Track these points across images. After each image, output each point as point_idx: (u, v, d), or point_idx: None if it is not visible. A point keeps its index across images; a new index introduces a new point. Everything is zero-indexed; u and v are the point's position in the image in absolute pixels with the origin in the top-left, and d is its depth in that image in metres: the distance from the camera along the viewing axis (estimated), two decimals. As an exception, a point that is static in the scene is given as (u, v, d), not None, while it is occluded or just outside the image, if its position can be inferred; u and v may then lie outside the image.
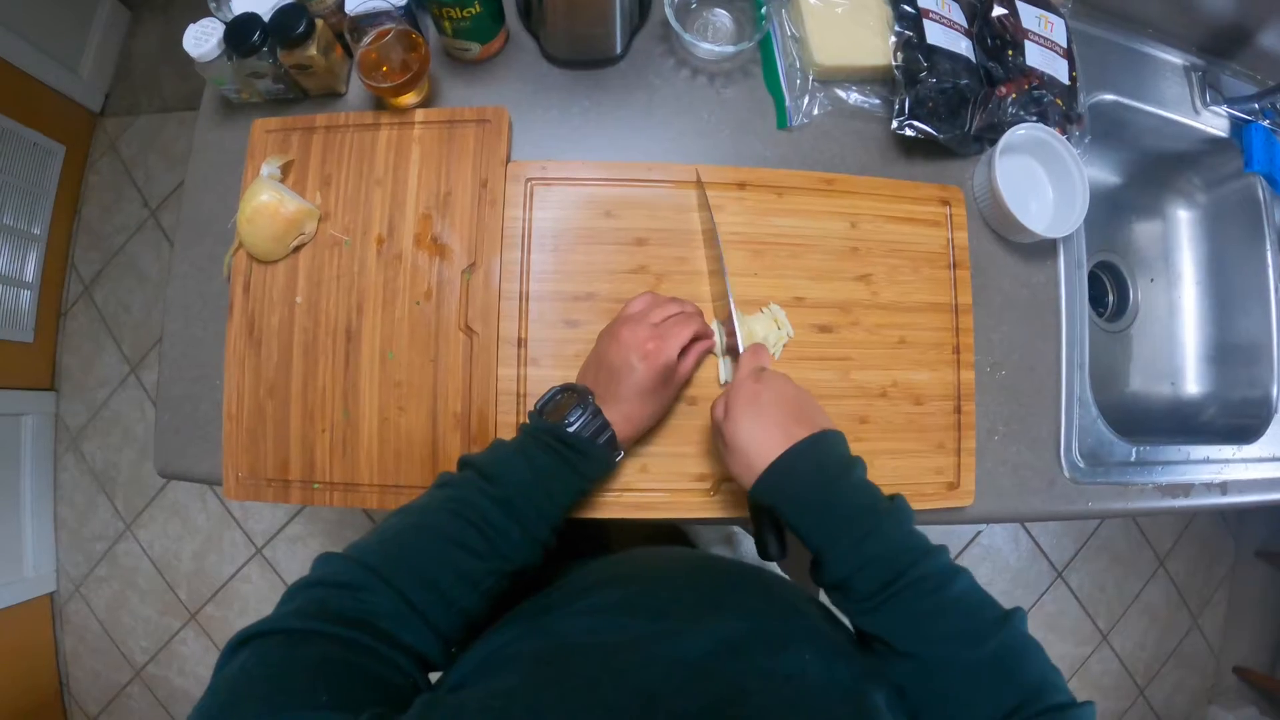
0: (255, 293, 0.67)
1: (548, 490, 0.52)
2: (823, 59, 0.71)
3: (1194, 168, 0.99)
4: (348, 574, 0.44)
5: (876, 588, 0.46)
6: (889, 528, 0.47)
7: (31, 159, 1.64)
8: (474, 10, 0.65)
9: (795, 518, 0.49)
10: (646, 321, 0.57)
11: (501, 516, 0.49)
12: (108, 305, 1.76)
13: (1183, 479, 0.81)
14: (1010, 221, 0.72)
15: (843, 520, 0.48)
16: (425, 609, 0.44)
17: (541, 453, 0.53)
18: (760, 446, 0.50)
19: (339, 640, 0.40)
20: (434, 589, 0.45)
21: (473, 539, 0.48)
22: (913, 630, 0.45)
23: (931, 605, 0.45)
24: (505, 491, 0.50)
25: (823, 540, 0.48)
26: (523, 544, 0.50)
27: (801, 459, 0.49)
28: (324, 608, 0.42)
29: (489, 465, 0.52)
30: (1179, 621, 1.79)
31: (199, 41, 0.67)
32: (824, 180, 0.69)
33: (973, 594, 0.46)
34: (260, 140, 0.70)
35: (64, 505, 1.71)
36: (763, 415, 0.51)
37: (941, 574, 0.46)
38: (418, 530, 0.48)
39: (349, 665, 0.39)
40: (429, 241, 0.66)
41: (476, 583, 0.47)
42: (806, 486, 0.49)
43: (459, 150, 0.68)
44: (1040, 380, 0.76)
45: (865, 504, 0.48)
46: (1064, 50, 0.79)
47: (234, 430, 0.66)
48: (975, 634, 0.44)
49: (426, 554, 0.47)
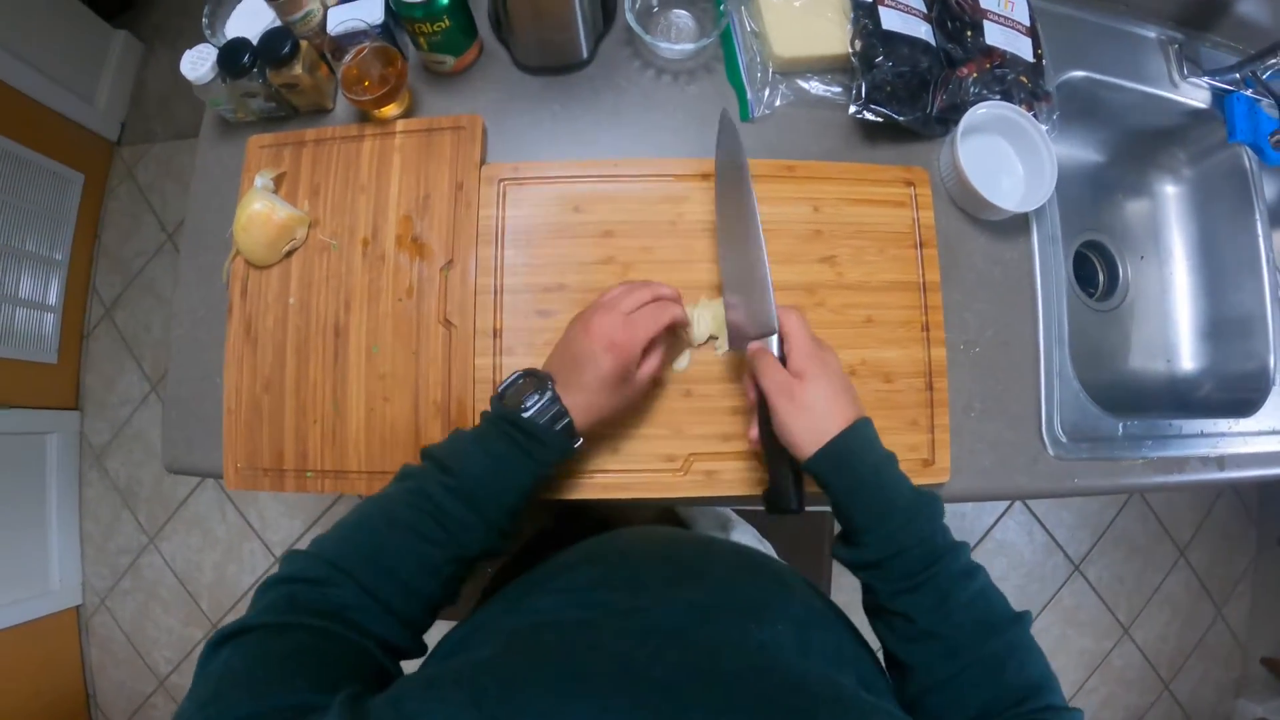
0: (252, 296, 0.73)
1: (504, 478, 0.53)
2: (781, 51, 0.76)
3: (1177, 142, 1.00)
4: (313, 569, 0.46)
5: (915, 569, 0.49)
6: (928, 518, 0.51)
7: (52, 187, 1.76)
8: (444, 25, 0.71)
9: (846, 493, 0.52)
10: (618, 310, 0.58)
11: (460, 507, 0.51)
12: (128, 326, 1.86)
13: (1175, 454, 0.81)
14: (977, 199, 0.74)
15: (889, 505, 0.51)
16: (388, 599, 0.46)
17: (498, 440, 0.54)
18: (829, 417, 0.53)
19: (312, 630, 0.42)
20: (395, 579, 0.47)
21: (431, 530, 0.50)
22: (938, 613, 0.48)
23: (959, 593, 0.49)
24: (462, 483, 0.51)
25: (869, 520, 0.51)
26: (482, 532, 0.52)
27: (859, 438, 0.52)
28: (294, 602, 0.44)
29: (447, 456, 0.53)
30: (1202, 613, 1.77)
31: (195, 66, 0.74)
32: (785, 167, 0.73)
33: (992, 590, 0.50)
34: (255, 155, 0.76)
35: (89, 520, 1.81)
36: (834, 385, 0.54)
37: (969, 567, 0.50)
38: (379, 523, 0.50)
39: (323, 652, 0.42)
40: (409, 242, 0.72)
41: (437, 571, 0.50)
42: (863, 466, 0.52)
43: (436, 156, 0.73)
44: (1017, 356, 0.77)
45: (908, 492, 0.52)
46: (1026, 28, 0.82)
47: (233, 424, 0.71)
48: (993, 625, 0.48)
49: (387, 546, 0.49)
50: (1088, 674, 1.71)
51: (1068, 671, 1.72)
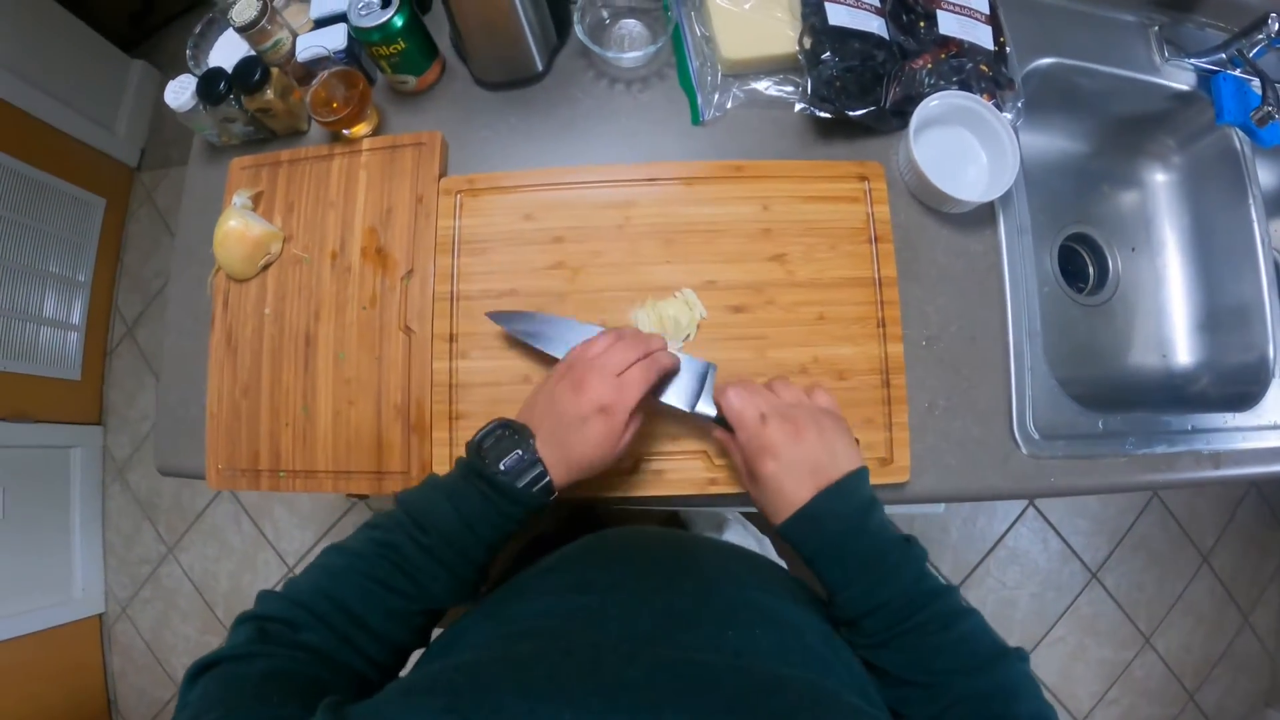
0: (232, 307, 0.79)
1: (475, 534, 0.54)
2: (729, 53, 0.78)
3: (1164, 127, 0.99)
4: (285, 611, 0.48)
5: (883, 628, 0.50)
6: (903, 574, 0.52)
7: (75, 212, 1.88)
8: (400, 47, 0.76)
9: (812, 560, 0.54)
10: (609, 369, 0.57)
11: (429, 562, 0.52)
12: (149, 344, 1.97)
13: (1163, 451, 0.79)
14: (934, 192, 0.75)
15: (858, 567, 0.52)
16: (357, 643, 0.49)
17: (470, 496, 0.54)
18: (790, 491, 0.54)
19: (284, 658, 0.45)
20: (363, 627, 0.50)
21: (400, 583, 0.52)
22: (915, 664, 0.49)
23: (934, 644, 0.50)
24: (432, 539, 0.53)
25: (837, 582, 0.53)
26: (450, 585, 0.53)
27: (813, 518, 0.53)
28: (265, 636, 0.46)
29: (420, 512, 0.54)
30: (1228, 621, 1.72)
31: (177, 95, 0.81)
32: (734, 167, 0.76)
33: (977, 633, 0.51)
34: (236, 176, 0.83)
35: (111, 531, 1.91)
36: (790, 460, 0.54)
37: (948, 615, 0.51)
38: (349, 572, 0.52)
39: (297, 675, 0.44)
40: (373, 254, 0.77)
41: (406, 621, 0.52)
42: (821, 538, 0.53)
43: (399, 171, 0.78)
44: (984, 351, 0.77)
45: (880, 550, 0.52)
46: (986, 16, 0.83)
47: (214, 427, 0.77)
48: (971, 668, 0.48)
49: (357, 595, 0.50)
50: (1108, 685, 1.67)
51: (1087, 682, 1.69)
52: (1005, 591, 1.70)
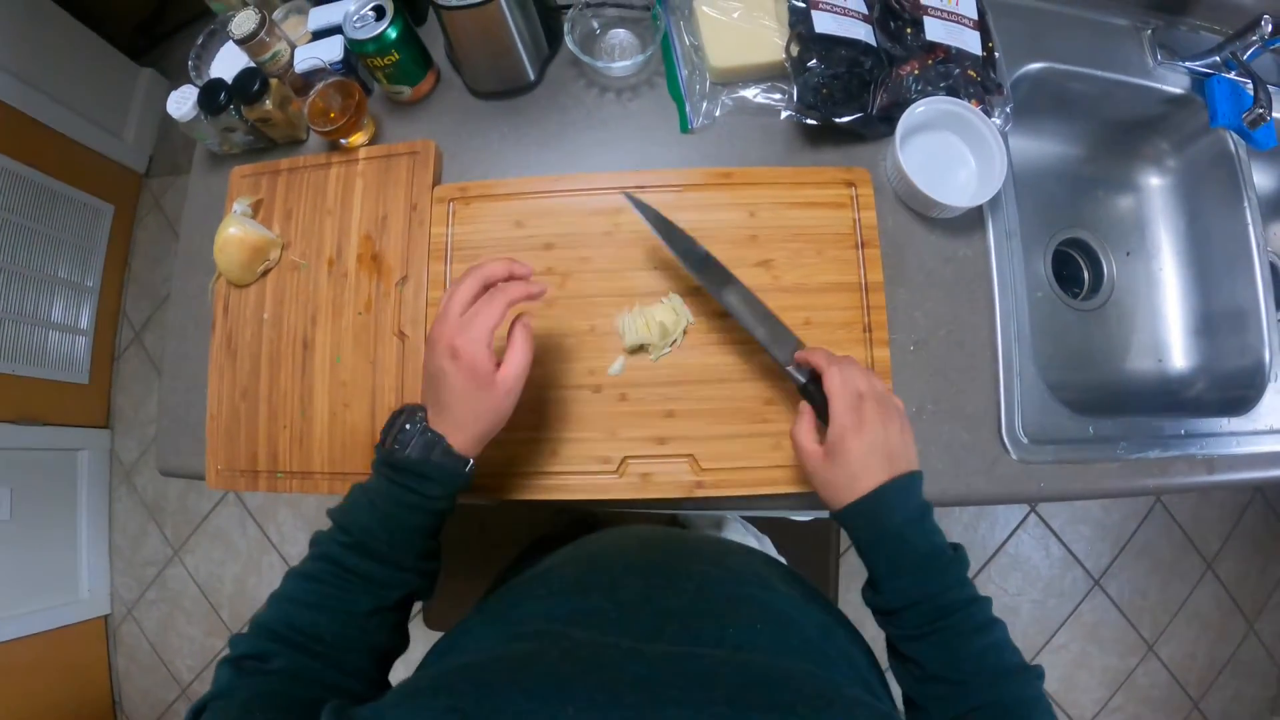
0: (232, 312, 0.82)
1: (396, 521, 0.55)
2: (717, 61, 0.81)
3: (1158, 130, 1.01)
4: (253, 646, 0.50)
5: (924, 621, 0.53)
6: (949, 575, 0.54)
7: (83, 218, 1.92)
8: (394, 59, 0.79)
9: (867, 546, 0.56)
10: (451, 313, 0.56)
11: (358, 560, 0.54)
12: (157, 349, 2.02)
13: (1155, 455, 0.80)
14: (921, 197, 0.76)
15: (909, 559, 0.55)
16: (327, 657, 0.51)
17: (382, 486, 0.56)
18: (858, 478, 0.56)
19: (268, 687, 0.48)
20: (324, 640, 0.51)
21: (342, 588, 0.53)
22: (946, 662, 0.52)
23: (969, 646, 0.52)
24: (355, 536, 0.54)
25: (887, 571, 0.55)
26: (391, 577, 0.55)
27: (883, 503, 0.55)
28: (242, 672, 0.49)
29: (340, 514, 0.56)
30: (1233, 628, 1.71)
31: (179, 105, 0.84)
32: (721, 174, 0.78)
33: (1005, 645, 0.53)
34: (237, 184, 0.86)
35: (117, 533, 1.96)
36: (866, 447, 0.56)
37: (983, 621, 0.53)
38: (298, 591, 0.53)
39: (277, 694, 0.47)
40: (369, 260, 0.80)
41: (362, 625, 0.53)
42: (885, 525, 0.55)
43: (394, 179, 0.81)
44: (972, 356, 0.78)
45: (932, 550, 0.55)
46: (974, 22, 0.84)
47: (214, 429, 0.80)
48: (1001, 674, 0.51)
49: (309, 611, 0.52)
50: (1111, 692, 1.67)
51: (1091, 689, 1.69)
52: (1007, 599, 1.71)
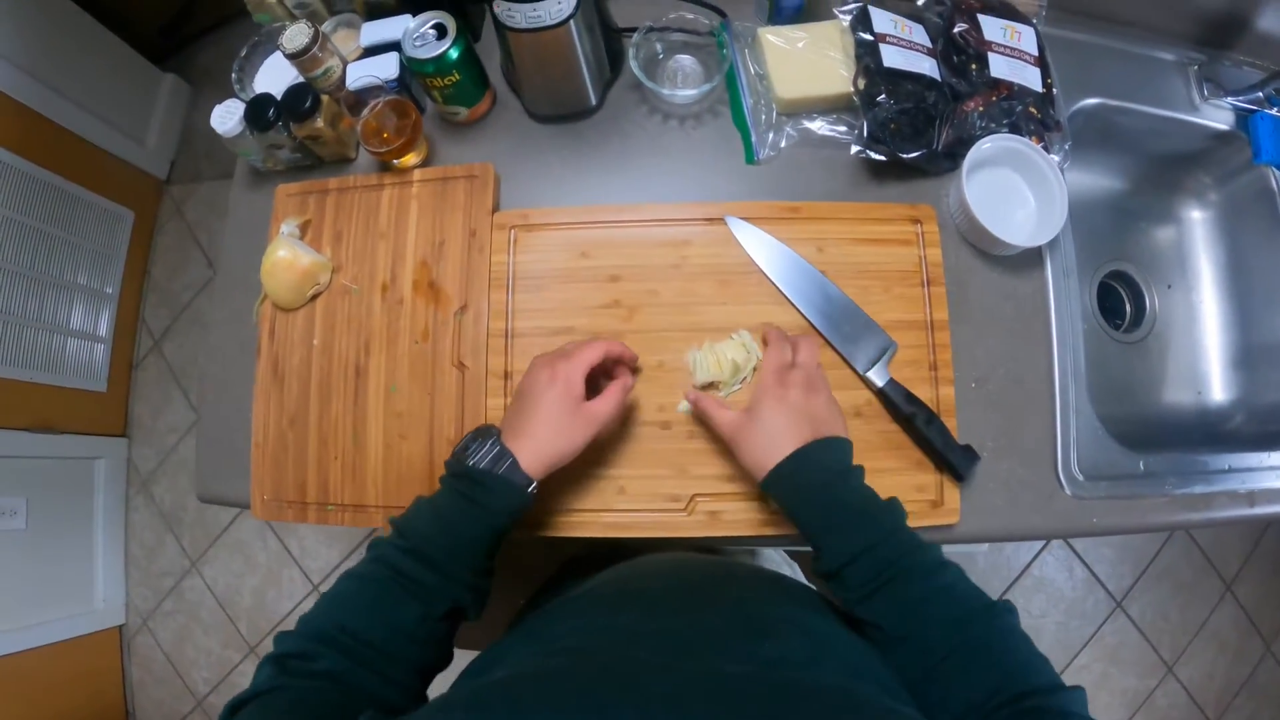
0: (279, 336, 0.77)
1: (455, 531, 0.55)
2: (783, 92, 0.77)
3: (1202, 165, 0.98)
4: (299, 645, 0.49)
5: (868, 577, 0.51)
6: (883, 524, 0.53)
7: (103, 224, 1.85)
8: (454, 79, 0.74)
9: (796, 511, 0.55)
10: (560, 350, 0.62)
11: (415, 567, 0.52)
12: (176, 358, 1.95)
13: (1201, 490, 0.78)
14: (985, 235, 0.74)
15: (840, 516, 0.53)
16: (372, 664, 0.49)
17: (445, 495, 0.56)
18: (773, 446, 0.56)
19: (305, 688, 0.46)
20: (371, 646, 0.49)
21: (393, 593, 0.52)
22: (902, 615, 0.50)
23: (919, 592, 0.50)
24: (413, 542, 0.54)
25: (820, 533, 0.54)
26: (443, 588, 0.53)
27: (807, 460, 0.55)
28: (285, 671, 0.47)
29: (402, 520, 0.56)
30: (1250, 649, 1.70)
31: (224, 120, 0.79)
32: (790, 208, 0.74)
33: (959, 584, 0.51)
34: (282, 203, 0.81)
35: (134, 543, 1.88)
36: (782, 415, 0.57)
37: (929, 565, 0.51)
38: (350, 593, 0.53)
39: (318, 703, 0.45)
40: (426, 287, 0.75)
41: (410, 635, 0.52)
42: (809, 484, 0.55)
43: (451, 204, 0.77)
44: (1031, 393, 0.76)
45: (861, 502, 0.54)
46: (1034, 58, 0.81)
47: (260, 458, 0.75)
48: (960, 619, 0.48)
49: (362, 616, 0.51)
50: (1131, 713, 1.66)
51: (1111, 710, 1.67)
52: (1031, 620, 1.68)
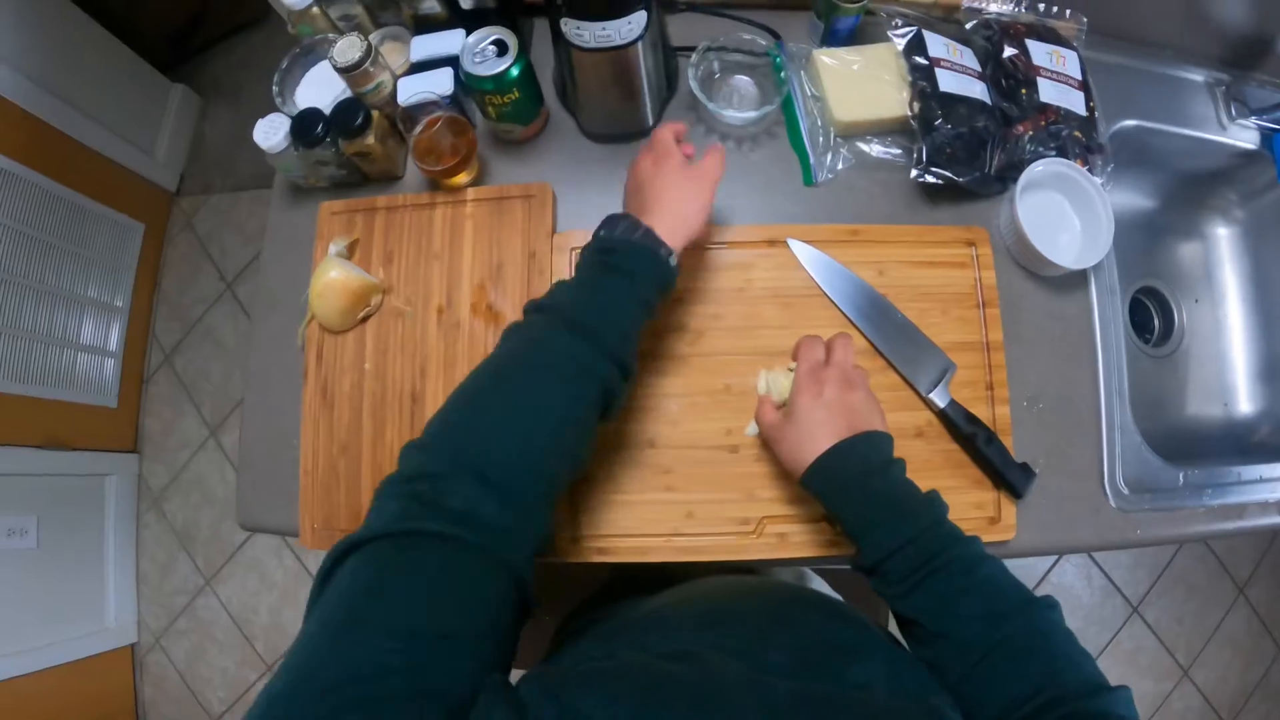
0: (327, 360, 0.75)
1: (601, 294, 0.54)
2: (842, 115, 0.76)
3: (1228, 183, 0.99)
4: (433, 464, 0.44)
5: (909, 570, 0.50)
6: (923, 517, 0.51)
7: (113, 236, 1.80)
8: (513, 96, 0.73)
9: (837, 506, 0.54)
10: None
11: (565, 337, 0.51)
12: (187, 373, 1.90)
13: (1235, 501, 0.80)
14: (1037, 257, 0.74)
15: (880, 509, 0.52)
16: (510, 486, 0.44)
17: (586, 269, 0.56)
18: (811, 441, 0.55)
19: (443, 539, 0.40)
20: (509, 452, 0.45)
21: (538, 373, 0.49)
22: (942, 610, 0.49)
23: (960, 585, 0.49)
24: (562, 310, 0.52)
25: (861, 526, 0.53)
26: (596, 363, 0.51)
27: (846, 454, 0.53)
28: (420, 504, 0.41)
29: (544, 299, 0.54)
30: (1264, 651, 1.72)
31: (268, 135, 0.75)
32: (850, 231, 0.74)
33: (1001, 577, 0.50)
34: (327, 221, 0.78)
35: (146, 561, 1.83)
36: (820, 412, 0.55)
37: (970, 559, 0.50)
38: (486, 384, 0.50)
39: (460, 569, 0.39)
40: (484, 310, 0.73)
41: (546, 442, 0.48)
42: (848, 479, 0.53)
43: (508, 224, 0.75)
44: (1079, 411, 0.77)
45: (901, 495, 0.53)
46: (1079, 83, 0.82)
47: (310, 485, 0.72)
48: (1001, 614, 0.47)
49: (498, 411, 0.47)
50: (1149, 716, 1.66)
51: (1129, 715, 1.68)
52: (1050, 627, 1.69)
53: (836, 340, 0.61)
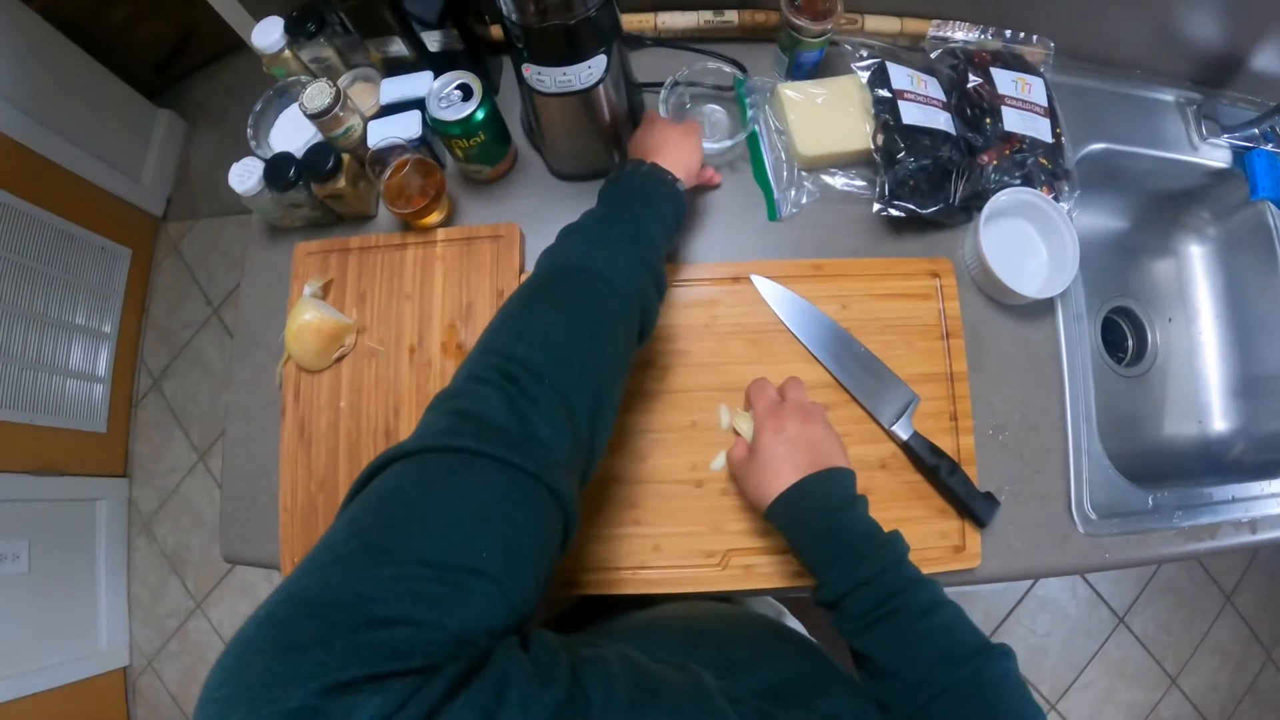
0: (304, 399, 0.76)
1: (624, 212, 0.59)
2: (806, 149, 0.78)
3: (1200, 202, 1.00)
4: (483, 370, 0.43)
5: (867, 609, 0.51)
6: (883, 557, 0.52)
7: (100, 262, 1.82)
8: (480, 139, 0.74)
9: (799, 541, 0.56)
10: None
11: (613, 220, 0.58)
12: (176, 397, 1.91)
13: (1207, 521, 0.80)
14: (1001, 287, 0.75)
15: (841, 546, 0.53)
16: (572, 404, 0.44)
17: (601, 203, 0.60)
18: (775, 476, 0.56)
19: (500, 463, 0.37)
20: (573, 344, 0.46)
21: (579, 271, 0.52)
22: (896, 651, 0.49)
23: (916, 629, 0.50)
24: (581, 223, 0.58)
25: (821, 563, 0.54)
26: (640, 242, 0.56)
27: (809, 491, 0.55)
28: (473, 423, 0.39)
29: (568, 225, 0.58)
30: (1252, 658, 1.73)
31: (242, 179, 0.77)
32: (813, 266, 0.75)
33: (957, 624, 0.50)
34: (302, 262, 0.80)
35: (137, 584, 1.84)
36: (777, 448, 0.57)
37: (929, 603, 0.51)
38: (539, 293, 0.51)
39: (517, 499, 0.37)
40: (455, 349, 0.75)
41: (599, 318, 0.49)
42: (811, 515, 0.55)
43: (477, 264, 0.77)
44: (1045, 438, 0.77)
45: (862, 534, 0.54)
46: (1045, 109, 0.83)
47: (289, 521, 0.74)
48: (953, 659, 0.48)
49: (552, 308, 0.49)
50: None
51: (1116, 725, 1.71)
52: (1036, 639, 1.70)
53: (787, 383, 0.63)
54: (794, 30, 0.76)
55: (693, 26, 0.84)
